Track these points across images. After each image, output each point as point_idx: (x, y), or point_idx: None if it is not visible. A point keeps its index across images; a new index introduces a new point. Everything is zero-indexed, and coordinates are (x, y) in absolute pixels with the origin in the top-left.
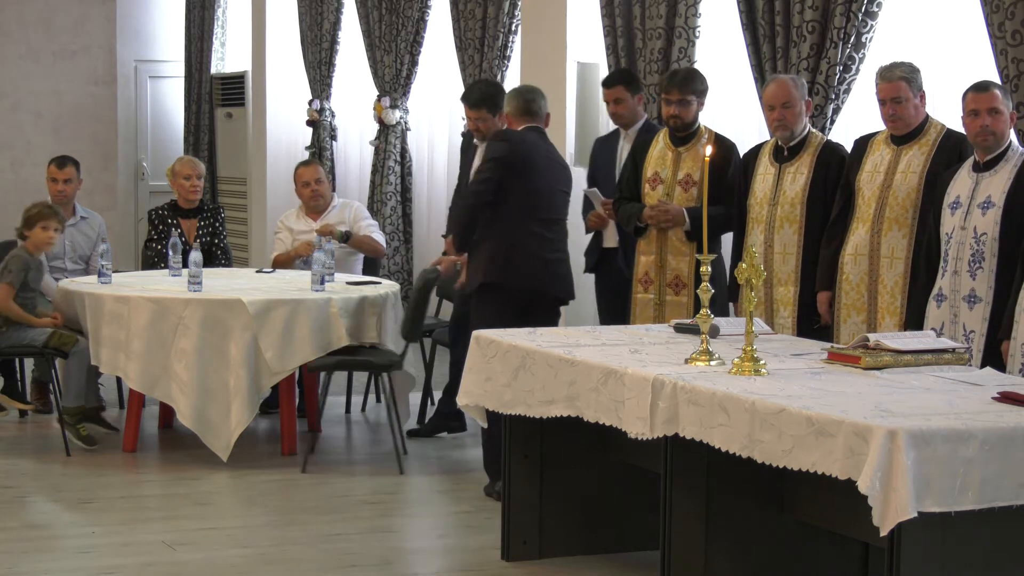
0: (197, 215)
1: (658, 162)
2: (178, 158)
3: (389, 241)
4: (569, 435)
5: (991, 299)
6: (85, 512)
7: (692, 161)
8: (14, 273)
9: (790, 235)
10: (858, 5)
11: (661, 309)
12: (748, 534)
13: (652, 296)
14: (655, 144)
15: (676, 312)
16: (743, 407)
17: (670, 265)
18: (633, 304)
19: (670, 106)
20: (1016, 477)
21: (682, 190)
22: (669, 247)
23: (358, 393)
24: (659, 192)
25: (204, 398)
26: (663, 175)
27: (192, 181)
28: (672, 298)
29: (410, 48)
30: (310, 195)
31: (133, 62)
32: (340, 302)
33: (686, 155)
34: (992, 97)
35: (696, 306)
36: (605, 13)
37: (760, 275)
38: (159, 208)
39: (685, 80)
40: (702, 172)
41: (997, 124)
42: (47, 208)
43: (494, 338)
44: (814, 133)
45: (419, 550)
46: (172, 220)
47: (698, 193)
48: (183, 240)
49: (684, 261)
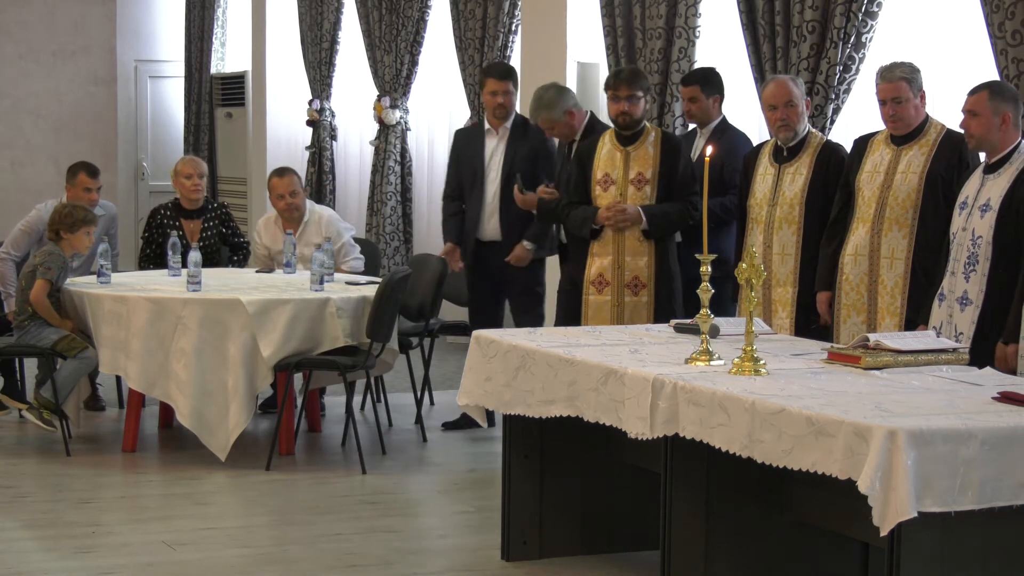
0: (200, 216)
1: (607, 163)
2: (181, 158)
3: (389, 241)
4: (569, 435)
5: (980, 303)
6: (85, 512)
7: (642, 160)
8: (53, 271)
9: (789, 236)
10: (858, 5)
11: (619, 311)
12: (748, 534)
13: (608, 298)
14: (601, 146)
15: (637, 313)
16: (743, 407)
17: (628, 266)
18: (585, 306)
19: (619, 103)
20: (1016, 477)
21: (635, 189)
22: (627, 247)
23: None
24: (612, 193)
25: (203, 398)
26: (614, 176)
27: (193, 180)
28: (631, 299)
29: (410, 48)
30: (284, 208)
31: (133, 62)
32: (339, 302)
33: (635, 154)
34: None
35: (657, 306)
36: (605, 13)
37: (760, 275)
38: (163, 206)
39: (633, 77)
40: (654, 170)
41: (969, 125)
42: (90, 213)
43: (494, 338)
44: (814, 133)
45: (419, 550)
46: (174, 221)
47: (651, 191)
48: (184, 241)
49: (643, 261)
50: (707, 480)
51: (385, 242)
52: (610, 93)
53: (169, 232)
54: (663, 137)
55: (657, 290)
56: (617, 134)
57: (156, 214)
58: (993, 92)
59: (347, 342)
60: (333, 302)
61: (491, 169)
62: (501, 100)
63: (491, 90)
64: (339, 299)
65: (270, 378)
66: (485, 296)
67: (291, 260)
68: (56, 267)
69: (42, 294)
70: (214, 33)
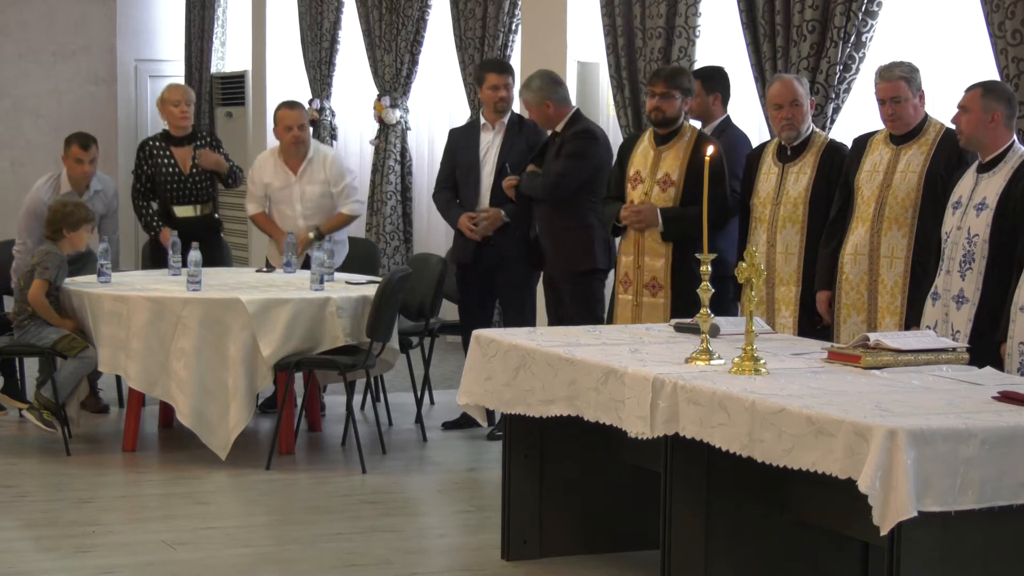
0: (191, 142)
1: (640, 161)
2: (167, 85)
3: (389, 240)
4: (569, 434)
5: (977, 300)
6: (85, 511)
7: (671, 160)
8: (51, 270)
9: (792, 235)
10: (858, 4)
11: (638, 310)
12: (748, 533)
13: (630, 297)
14: (640, 142)
15: (652, 314)
16: (743, 406)
17: (647, 266)
18: (616, 304)
19: (653, 99)
20: (1016, 476)
21: (660, 190)
22: (646, 248)
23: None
24: (639, 191)
25: (203, 397)
26: (643, 174)
27: (181, 107)
28: (648, 299)
29: (410, 47)
30: (291, 140)
31: (133, 61)
32: (339, 301)
33: (666, 154)
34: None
35: (674, 309)
36: (605, 12)
37: (760, 275)
38: (152, 138)
39: (671, 75)
40: (680, 172)
41: (959, 121)
42: (88, 210)
43: (494, 337)
44: (817, 133)
45: (419, 549)
46: (164, 150)
47: (676, 193)
48: (176, 169)
49: (660, 262)
50: (707, 479)
51: (385, 241)
52: (648, 90)
53: (160, 163)
54: (698, 139)
55: (674, 292)
56: (655, 132)
57: (145, 146)
58: (986, 90)
59: (347, 341)
60: (333, 301)
61: (486, 163)
62: (503, 94)
63: (492, 84)
64: (339, 298)
65: (270, 378)
66: (475, 292)
67: (291, 260)
68: (54, 266)
69: (40, 294)
70: (214, 32)
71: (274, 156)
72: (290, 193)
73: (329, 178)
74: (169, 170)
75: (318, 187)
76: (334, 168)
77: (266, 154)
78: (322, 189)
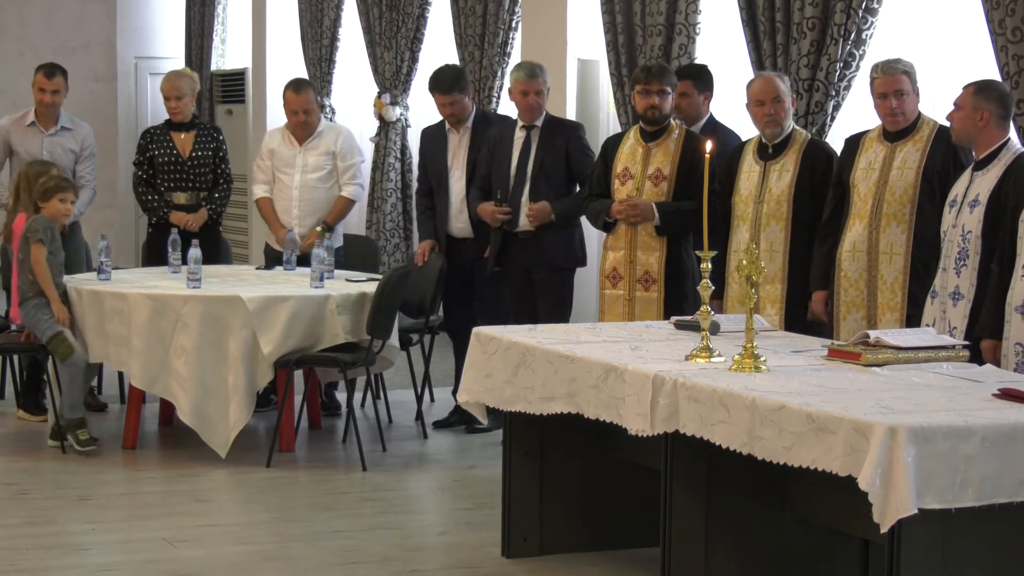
0: (192, 129)
1: (628, 158)
2: (165, 74)
3: (389, 238)
4: (569, 432)
5: (972, 297)
6: (85, 509)
7: (662, 156)
8: (40, 231)
9: (776, 232)
10: (858, 2)
11: (631, 305)
12: (748, 531)
13: (621, 292)
14: (625, 140)
15: (646, 308)
16: (743, 404)
17: (640, 261)
18: (601, 300)
19: (650, 97)
20: (1016, 474)
21: (652, 185)
22: (639, 243)
23: (358, 390)
24: (629, 188)
25: (203, 395)
26: (633, 170)
27: (171, 103)
28: (642, 294)
29: (410, 45)
30: (296, 124)
31: (133, 59)
32: (339, 299)
33: (656, 150)
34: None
35: (667, 302)
36: (605, 10)
37: (760, 272)
38: (154, 126)
39: (663, 72)
40: (672, 167)
41: (952, 117)
42: (63, 180)
43: (494, 335)
44: (798, 131)
45: (420, 547)
46: (164, 136)
47: (668, 188)
48: (175, 154)
49: (654, 257)
50: (707, 477)
51: (385, 239)
52: (640, 88)
53: (160, 147)
54: (686, 135)
55: (668, 286)
56: (641, 130)
57: (147, 133)
58: (979, 89)
59: (347, 339)
60: (333, 299)
61: (455, 167)
62: (450, 111)
63: (439, 103)
64: (339, 296)
65: (270, 375)
66: (457, 292)
67: (291, 259)
68: (41, 227)
69: (41, 257)
70: (214, 30)
71: (283, 131)
72: (292, 159)
73: (338, 151)
74: (168, 155)
75: (321, 158)
76: (346, 143)
77: (276, 129)
78: (325, 160)
